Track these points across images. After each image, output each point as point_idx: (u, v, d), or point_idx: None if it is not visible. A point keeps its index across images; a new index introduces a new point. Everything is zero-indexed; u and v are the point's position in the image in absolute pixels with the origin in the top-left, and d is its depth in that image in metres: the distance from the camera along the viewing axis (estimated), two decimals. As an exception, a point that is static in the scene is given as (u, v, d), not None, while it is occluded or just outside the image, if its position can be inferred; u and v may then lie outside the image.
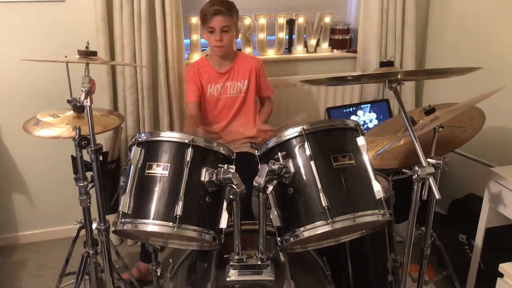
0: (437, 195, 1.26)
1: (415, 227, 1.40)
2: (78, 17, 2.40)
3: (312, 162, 1.35)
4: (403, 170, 1.38)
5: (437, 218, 1.73)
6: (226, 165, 1.37)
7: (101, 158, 1.56)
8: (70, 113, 1.77)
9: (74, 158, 1.68)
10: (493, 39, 2.41)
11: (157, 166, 1.38)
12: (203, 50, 2.67)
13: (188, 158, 1.37)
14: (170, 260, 1.61)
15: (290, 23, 2.80)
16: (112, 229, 1.42)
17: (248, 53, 2.74)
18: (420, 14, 2.83)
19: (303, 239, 1.36)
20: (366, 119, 2.79)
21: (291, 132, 1.40)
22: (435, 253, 1.97)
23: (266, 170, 1.30)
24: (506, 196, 1.80)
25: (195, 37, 2.63)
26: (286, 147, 1.41)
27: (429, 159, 1.48)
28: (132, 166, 1.40)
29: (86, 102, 1.47)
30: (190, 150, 1.38)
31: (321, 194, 1.31)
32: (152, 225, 1.33)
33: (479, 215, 1.93)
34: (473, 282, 2.01)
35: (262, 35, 2.75)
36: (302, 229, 1.34)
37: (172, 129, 2.57)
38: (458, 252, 2.22)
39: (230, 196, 1.31)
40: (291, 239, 1.36)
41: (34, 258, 2.58)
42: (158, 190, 1.35)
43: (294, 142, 1.40)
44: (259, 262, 1.42)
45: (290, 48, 2.86)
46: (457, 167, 2.58)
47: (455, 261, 2.02)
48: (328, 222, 1.30)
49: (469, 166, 2.47)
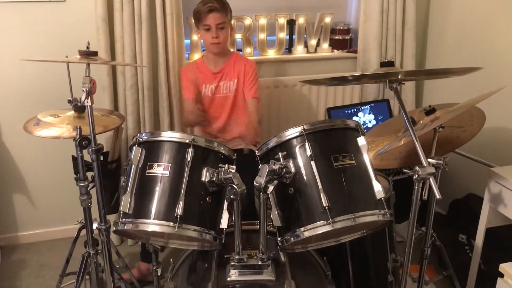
0: (437, 195, 1.26)
1: (416, 227, 1.40)
2: (78, 17, 2.40)
3: (312, 162, 1.35)
4: (404, 170, 1.38)
5: (437, 218, 1.73)
6: (226, 165, 1.37)
7: (101, 158, 1.57)
8: (71, 113, 1.77)
9: (74, 158, 1.68)
10: (493, 39, 2.41)
11: (157, 166, 1.38)
12: (203, 50, 2.67)
13: (188, 158, 1.37)
14: (171, 260, 1.61)
15: (291, 23, 2.80)
16: (112, 229, 1.43)
17: (248, 53, 2.74)
18: (420, 14, 2.84)
19: (304, 239, 1.36)
20: (365, 120, 2.80)
21: (292, 132, 1.40)
22: (435, 253, 1.97)
23: (267, 170, 1.30)
24: (506, 196, 1.80)
25: (196, 37, 2.63)
26: (286, 147, 1.41)
27: (429, 159, 1.48)
28: (132, 166, 1.40)
29: (87, 102, 1.47)
30: (190, 150, 1.38)
31: (321, 194, 1.31)
32: (152, 225, 1.33)
33: (479, 215, 1.93)
34: (473, 282, 2.01)
35: (262, 35, 2.75)
36: (302, 229, 1.34)
37: (172, 129, 2.58)
38: (459, 252, 2.22)
39: (231, 196, 1.32)
40: (292, 239, 1.36)
41: (34, 258, 2.59)
42: (158, 190, 1.35)
43: (295, 142, 1.40)
44: (260, 262, 1.42)
45: (290, 48, 2.86)
46: (457, 167, 2.58)
47: (456, 261, 2.02)
48: (328, 222, 1.30)
49: (469, 166, 2.47)
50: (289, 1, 2.86)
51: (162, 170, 1.37)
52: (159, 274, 1.65)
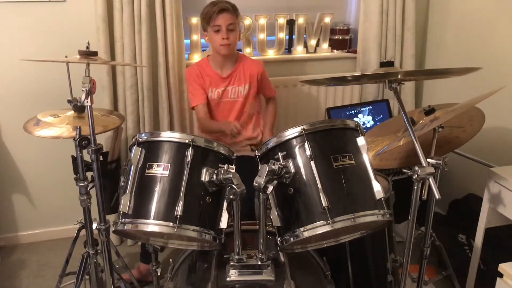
0: (437, 195, 1.26)
1: (415, 227, 1.40)
2: (78, 17, 2.40)
3: (312, 162, 1.35)
4: (403, 170, 1.38)
5: (437, 218, 1.73)
6: (226, 165, 1.37)
7: (101, 158, 1.56)
8: (71, 113, 1.77)
9: (74, 158, 1.68)
10: (492, 39, 2.41)
11: (157, 166, 1.38)
12: (203, 51, 2.67)
13: (188, 158, 1.37)
14: (170, 260, 1.61)
15: (290, 24, 2.80)
16: (112, 229, 1.43)
17: (248, 53, 2.74)
18: (420, 14, 2.84)
19: (303, 239, 1.36)
20: (364, 121, 2.80)
21: (291, 132, 1.40)
22: (435, 253, 1.97)
23: (266, 170, 1.30)
24: (505, 196, 1.80)
25: (195, 37, 2.63)
26: (286, 147, 1.41)
27: (429, 159, 1.48)
28: (132, 166, 1.40)
29: (87, 102, 1.47)
30: (190, 150, 1.38)
31: (321, 194, 1.31)
32: (152, 225, 1.34)
33: (479, 215, 1.93)
34: (472, 282, 2.01)
35: (262, 36, 2.75)
36: (302, 229, 1.34)
37: (172, 129, 2.57)
38: (458, 252, 2.22)
39: (230, 196, 1.32)
40: (291, 239, 1.36)
41: (34, 258, 2.58)
42: (158, 190, 1.36)
43: (294, 142, 1.40)
44: (259, 262, 1.42)
45: (290, 48, 2.87)
46: (457, 167, 2.58)
47: (455, 261, 2.02)
48: (328, 222, 1.30)
49: (468, 166, 2.47)
50: (288, 1, 2.86)
51: (161, 170, 1.37)
52: (159, 274, 1.65)
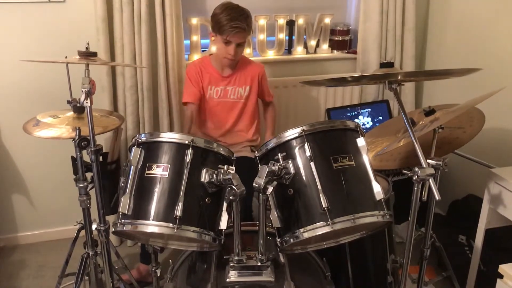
0: (437, 196, 1.26)
1: (415, 228, 1.40)
2: (78, 17, 2.40)
3: (312, 163, 1.35)
4: (403, 171, 1.38)
5: (437, 219, 1.73)
6: (226, 166, 1.37)
7: (101, 158, 1.56)
8: (70, 113, 1.77)
9: (74, 159, 1.67)
10: (493, 40, 2.41)
11: (157, 167, 1.38)
12: (203, 51, 2.67)
13: (188, 159, 1.37)
14: (170, 261, 1.61)
15: (290, 24, 2.80)
16: (112, 230, 1.42)
17: (247, 54, 2.73)
18: (420, 15, 2.84)
19: (303, 240, 1.36)
20: (364, 122, 2.80)
21: (291, 133, 1.40)
22: (435, 254, 1.97)
23: (266, 171, 1.30)
24: (506, 197, 1.80)
25: (195, 38, 2.63)
26: (286, 148, 1.41)
27: (429, 160, 1.48)
28: (132, 167, 1.40)
29: (86, 102, 1.46)
30: (190, 151, 1.38)
31: (321, 195, 1.31)
32: (152, 226, 1.33)
33: (479, 216, 1.93)
34: (473, 283, 2.01)
35: (262, 36, 2.75)
36: (302, 230, 1.34)
37: (172, 130, 2.57)
38: (458, 253, 2.22)
39: (230, 197, 1.31)
40: (291, 240, 1.36)
41: (33, 259, 2.58)
42: (158, 191, 1.35)
43: (294, 143, 1.40)
44: (259, 263, 1.42)
45: (290, 49, 2.86)
46: (457, 168, 2.58)
47: (455, 262, 2.02)
48: (328, 223, 1.30)
49: (469, 167, 2.47)
50: (288, 1, 2.86)
51: (161, 171, 1.37)
52: (159, 275, 1.65)
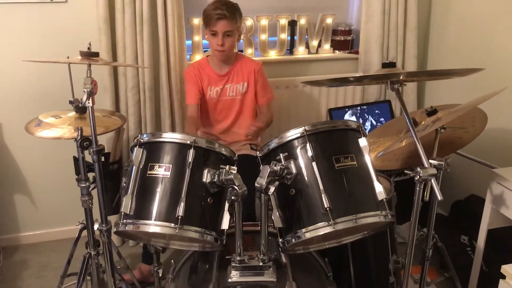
0: (439, 196, 1.26)
1: (417, 228, 1.39)
2: (80, 18, 2.40)
3: (314, 163, 1.34)
4: (405, 171, 1.38)
5: (439, 219, 1.73)
6: (228, 166, 1.37)
7: (103, 159, 1.56)
8: (72, 114, 1.77)
9: (76, 159, 1.68)
10: (495, 40, 2.40)
11: (159, 167, 1.38)
12: (205, 51, 2.68)
13: (190, 159, 1.37)
14: (172, 261, 1.61)
15: (292, 24, 2.80)
16: (114, 230, 1.43)
17: (249, 54, 2.74)
18: (421, 15, 2.83)
19: (305, 240, 1.36)
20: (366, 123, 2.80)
21: (293, 133, 1.40)
22: (437, 254, 1.97)
23: (268, 171, 1.29)
24: (508, 197, 1.79)
25: (197, 38, 2.63)
26: (288, 148, 1.40)
27: (431, 160, 1.48)
28: (134, 167, 1.40)
29: (88, 103, 1.47)
30: (192, 151, 1.38)
31: (323, 195, 1.31)
32: (153, 226, 1.33)
33: (481, 217, 1.93)
34: (475, 284, 2.00)
35: (264, 36, 2.75)
36: (303, 230, 1.34)
37: (173, 130, 2.58)
38: (460, 253, 2.21)
39: (232, 197, 1.31)
40: (293, 240, 1.36)
41: (36, 259, 2.59)
42: (160, 191, 1.35)
43: (296, 143, 1.40)
44: (261, 263, 1.42)
45: (292, 49, 2.86)
46: (459, 168, 2.58)
47: (457, 262, 2.01)
48: (330, 223, 1.29)
49: (471, 167, 2.46)
50: (290, 2, 2.86)
51: (163, 171, 1.37)
52: (160, 275, 1.65)
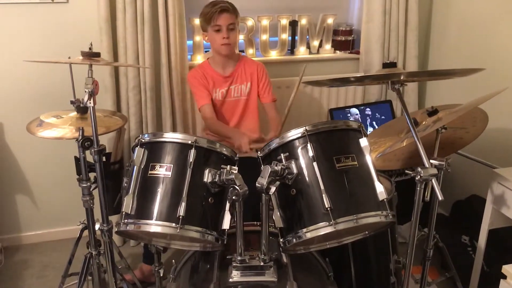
0: (440, 196, 1.26)
1: (418, 229, 1.39)
2: (81, 18, 2.41)
3: (314, 163, 1.35)
4: (406, 171, 1.37)
5: (439, 219, 1.73)
6: (229, 166, 1.37)
7: (104, 159, 1.57)
8: (73, 114, 1.77)
9: (77, 159, 1.68)
10: (496, 40, 2.40)
11: (160, 167, 1.38)
12: (206, 51, 2.68)
13: (191, 159, 1.37)
14: (173, 261, 1.61)
15: (293, 24, 2.80)
16: (115, 229, 1.43)
17: (250, 54, 2.74)
18: (422, 15, 2.83)
19: (306, 240, 1.36)
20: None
21: (294, 133, 1.40)
22: (438, 254, 1.97)
23: (269, 171, 1.29)
24: (509, 197, 1.79)
25: (198, 38, 2.63)
26: (288, 148, 1.41)
27: (432, 160, 1.48)
28: (135, 167, 1.40)
29: (89, 103, 1.47)
30: (193, 151, 1.38)
31: (323, 195, 1.31)
32: (155, 225, 1.34)
33: (482, 217, 1.93)
34: (476, 284, 2.00)
35: (264, 36, 2.75)
36: (304, 230, 1.34)
37: (175, 130, 2.58)
38: (461, 253, 2.21)
39: (233, 197, 1.31)
40: (294, 240, 1.36)
41: (37, 259, 2.59)
42: (161, 191, 1.36)
43: (297, 143, 1.40)
44: (262, 263, 1.42)
45: (292, 49, 2.87)
46: (460, 169, 2.58)
47: (458, 262, 2.01)
48: (330, 223, 1.29)
49: (472, 168, 2.46)
50: (291, 2, 2.86)
51: (164, 171, 1.37)
52: (161, 275, 1.65)
